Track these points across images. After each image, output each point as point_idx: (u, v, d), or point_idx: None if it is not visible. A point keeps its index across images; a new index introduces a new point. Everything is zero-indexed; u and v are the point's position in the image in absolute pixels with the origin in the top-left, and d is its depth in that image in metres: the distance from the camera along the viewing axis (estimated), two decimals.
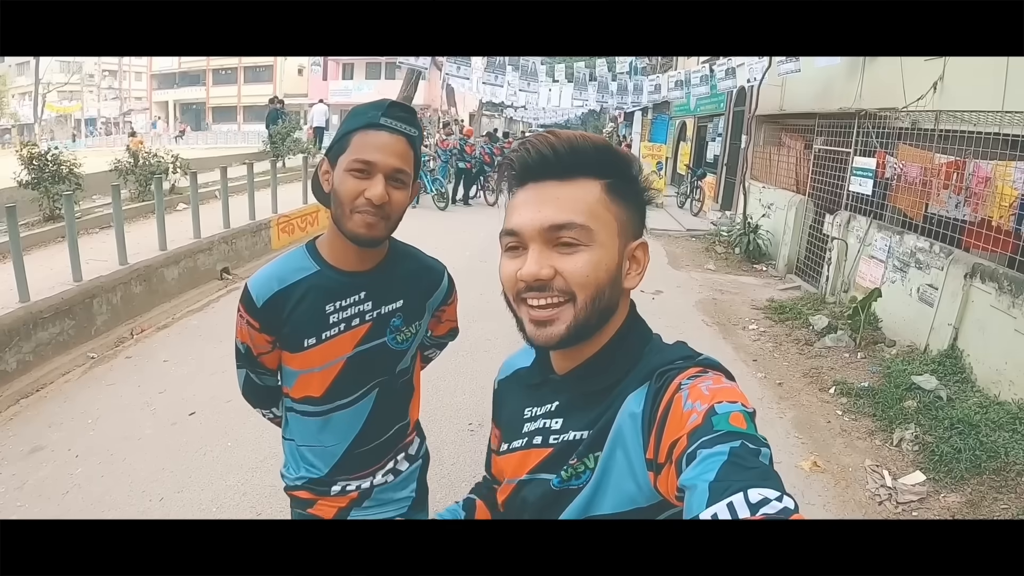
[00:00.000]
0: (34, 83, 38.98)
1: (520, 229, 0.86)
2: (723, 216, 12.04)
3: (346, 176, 1.30)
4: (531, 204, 0.87)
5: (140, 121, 44.12)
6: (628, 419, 0.84)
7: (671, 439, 0.74)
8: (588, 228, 0.85)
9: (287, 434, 1.57)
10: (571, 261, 0.84)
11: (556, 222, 0.84)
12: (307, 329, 1.42)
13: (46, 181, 7.97)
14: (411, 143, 1.34)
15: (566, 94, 14.13)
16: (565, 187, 0.86)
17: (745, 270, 9.27)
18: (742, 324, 6.68)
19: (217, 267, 7.52)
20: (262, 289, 1.42)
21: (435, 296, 1.58)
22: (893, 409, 4.47)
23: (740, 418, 0.71)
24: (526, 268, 0.85)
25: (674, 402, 0.77)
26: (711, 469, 0.64)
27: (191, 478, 3.51)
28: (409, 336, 1.52)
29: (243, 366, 1.55)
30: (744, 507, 0.59)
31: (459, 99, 29.85)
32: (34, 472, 3.55)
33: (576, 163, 0.86)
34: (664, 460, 0.75)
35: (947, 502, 3.56)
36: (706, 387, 0.77)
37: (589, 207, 0.85)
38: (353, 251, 1.40)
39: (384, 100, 1.35)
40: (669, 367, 0.84)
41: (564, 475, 0.88)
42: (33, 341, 4.82)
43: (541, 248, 0.85)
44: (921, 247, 5.68)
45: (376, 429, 1.53)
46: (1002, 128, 5.02)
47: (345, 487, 1.53)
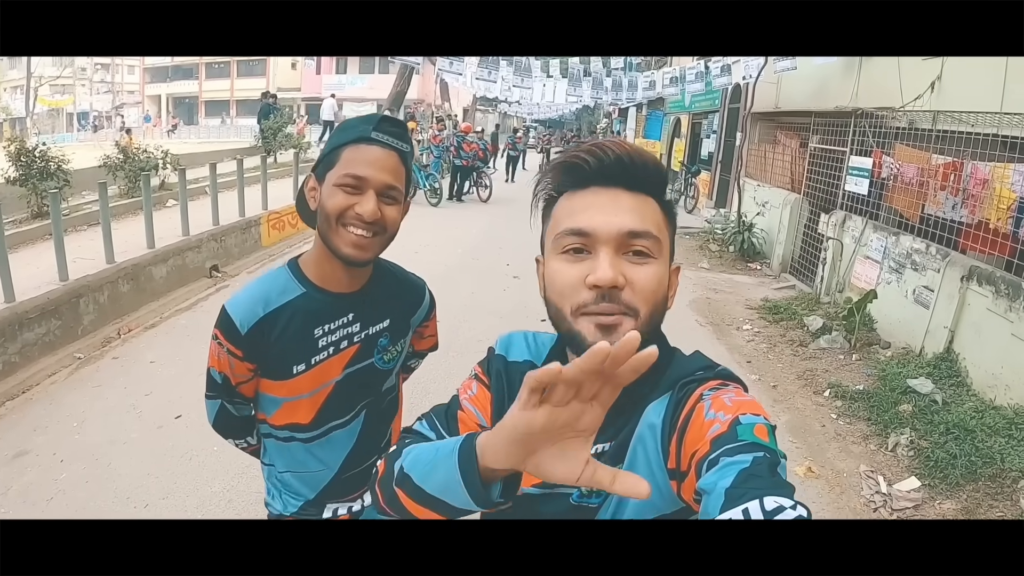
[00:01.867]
0: (26, 76, 38.63)
1: (594, 231, 0.82)
2: (717, 214, 12.00)
3: (335, 191, 1.24)
4: (605, 207, 0.83)
5: (132, 115, 43.80)
6: (648, 430, 0.83)
7: (693, 447, 0.74)
8: (659, 240, 0.84)
9: (266, 459, 1.50)
10: (641, 272, 0.82)
11: (635, 229, 0.82)
12: (296, 355, 1.34)
13: (34, 177, 7.87)
14: (403, 159, 1.29)
15: (560, 89, 14.04)
16: (636, 198, 0.85)
17: (739, 269, 9.24)
18: (736, 324, 6.64)
19: (206, 265, 7.45)
20: (246, 315, 1.31)
21: (418, 314, 1.54)
22: (888, 413, 4.44)
23: (764, 431, 0.72)
24: (601, 272, 0.80)
25: (696, 411, 0.78)
26: (730, 475, 0.65)
27: (176, 484, 3.45)
28: (395, 355, 1.48)
29: (217, 397, 1.41)
30: (759, 513, 0.59)
31: (453, 94, 29.75)
32: (18, 477, 3.49)
33: (643, 176, 0.86)
34: (687, 468, 0.75)
35: (942, 509, 3.54)
36: (728, 399, 0.77)
37: (656, 221, 0.86)
38: (341, 271, 1.34)
39: (375, 114, 1.31)
40: (690, 379, 0.84)
41: (584, 490, 0.85)
42: (19, 342, 4.74)
43: (614, 253, 0.82)
44: (917, 248, 5.65)
45: (365, 451, 1.47)
46: (1000, 129, 4.98)
47: (336, 511, 1.48)
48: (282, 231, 9.24)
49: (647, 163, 0.86)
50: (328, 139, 1.34)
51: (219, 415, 1.45)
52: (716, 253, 9.96)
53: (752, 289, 8.10)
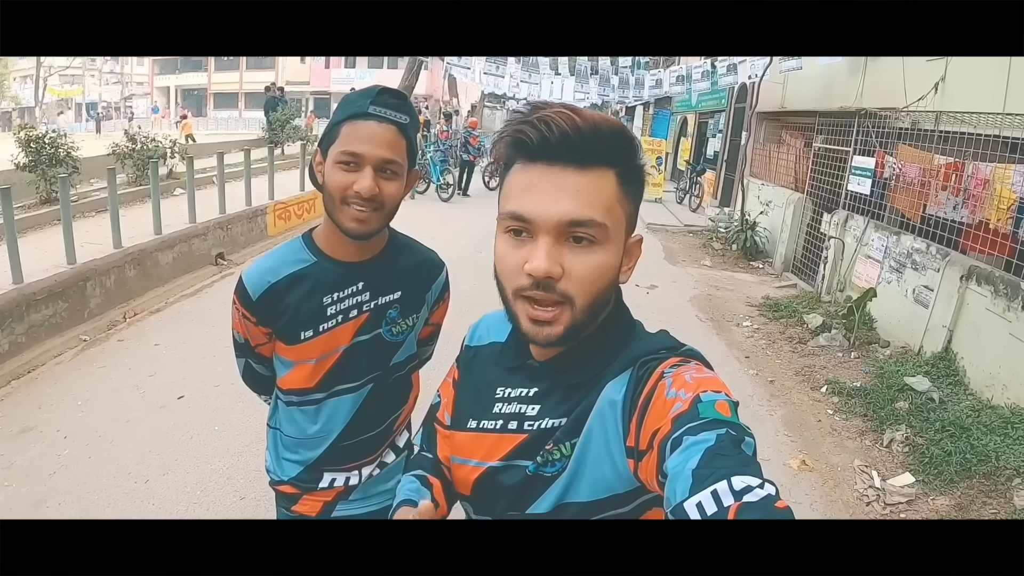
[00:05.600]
0: (35, 66, 38.77)
1: (532, 218, 0.79)
2: (721, 212, 12.01)
3: (335, 168, 1.27)
4: (547, 191, 0.78)
5: (141, 106, 43.91)
6: (608, 406, 0.82)
7: (654, 426, 0.73)
8: (605, 226, 0.80)
9: (272, 422, 1.55)
10: (581, 261, 0.79)
11: (576, 218, 0.78)
12: (304, 322, 1.39)
13: (43, 164, 7.94)
14: (402, 131, 1.29)
15: (568, 87, 14.03)
16: (585, 177, 0.79)
17: (741, 267, 9.26)
18: (736, 321, 6.67)
19: (212, 252, 7.50)
20: (258, 282, 1.38)
21: (433, 288, 1.55)
22: (884, 410, 4.46)
23: (725, 406, 0.71)
24: (536, 263, 0.78)
25: (657, 390, 0.77)
26: (695, 455, 0.64)
27: (177, 461, 3.51)
28: (405, 329, 1.49)
29: (241, 355, 1.52)
30: (728, 494, 0.59)
31: (461, 90, 29.77)
32: (22, 452, 3.55)
33: (597, 150, 0.79)
34: (646, 447, 0.74)
35: (936, 505, 3.56)
36: (690, 376, 0.76)
37: (607, 203, 0.80)
38: (350, 242, 1.36)
39: (374, 87, 1.30)
40: (652, 356, 0.82)
41: (539, 460, 0.87)
42: (26, 323, 4.80)
43: (553, 242, 0.79)
44: (918, 248, 5.67)
45: (366, 423, 1.50)
46: (1002, 130, 5.00)
47: (332, 481, 1.51)
48: (288, 221, 9.30)
49: (600, 133, 0.79)
50: (333, 113, 1.36)
51: (245, 371, 1.56)
52: (719, 251, 9.97)
53: (753, 287, 8.12)
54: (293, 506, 1.52)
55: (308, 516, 1.52)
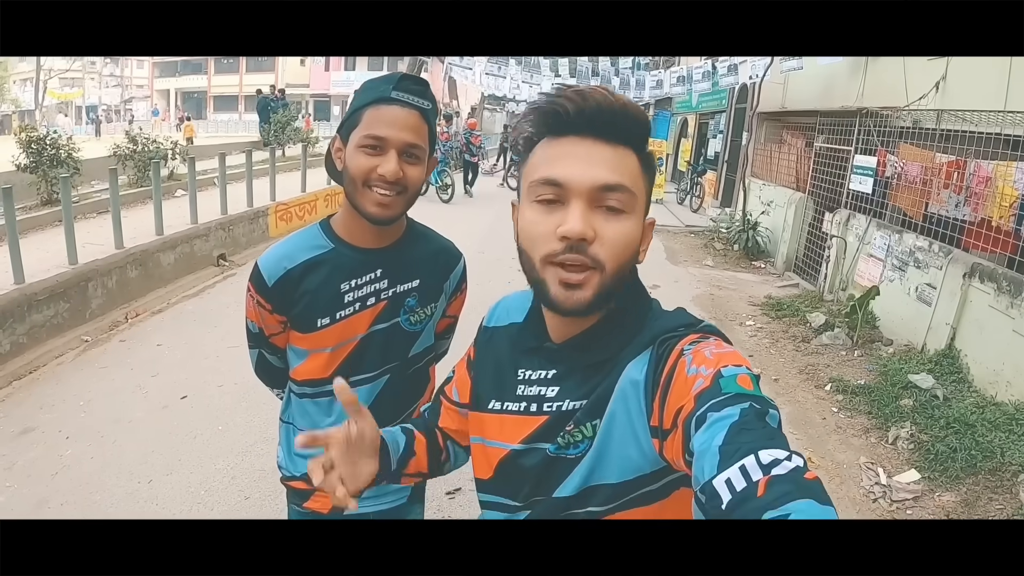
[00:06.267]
0: (35, 69, 38.78)
1: (567, 182, 0.81)
2: (722, 213, 11.99)
3: (358, 152, 1.26)
4: (580, 158, 0.81)
5: (141, 109, 43.95)
6: (630, 386, 0.83)
7: (677, 404, 0.74)
8: (634, 194, 0.83)
9: (286, 416, 1.53)
10: (612, 227, 0.81)
11: (609, 182, 0.81)
12: (321, 308, 1.37)
13: (44, 165, 7.95)
14: (424, 117, 1.30)
15: None
16: (613, 150, 0.82)
17: (743, 267, 9.25)
18: (739, 320, 6.66)
19: (214, 253, 7.50)
20: (274, 268, 1.37)
21: (451, 278, 1.54)
22: (889, 407, 4.45)
23: (747, 380, 0.71)
24: (571, 224, 0.79)
25: (678, 367, 0.77)
26: (720, 431, 0.64)
27: (180, 461, 3.49)
28: (423, 318, 1.47)
29: (255, 346, 1.50)
30: (756, 468, 0.59)
31: (461, 92, 29.78)
32: (24, 453, 3.54)
33: (625, 127, 0.83)
34: (670, 426, 0.74)
35: (941, 501, 3.55)
36: (709, 352, 0.76)
37: (632, 175, 0.83)
38: (369, 228, 1.36)
39: (396, 73, 1.31)
40: (671, 334, 0.83)
41: (560, 442, 0.87)
42: (27, 323, 4.80)
43: (586, 206, 0.81)
44: (920, 246, 5.66)
45: (381, 416, 1.43)
46: (1003, 128, 5.00)
47: None
48: (289, 222, 9.29)
49: (629, 114, 0.83)
50: (351, 100, 1.35)
51: (259, 363, 1.54)
52: (721, 251, 9.96)
53: (756, 287, 8.11)
54: (305, 502, 1.50)
55: (320, 512, 1.50)
